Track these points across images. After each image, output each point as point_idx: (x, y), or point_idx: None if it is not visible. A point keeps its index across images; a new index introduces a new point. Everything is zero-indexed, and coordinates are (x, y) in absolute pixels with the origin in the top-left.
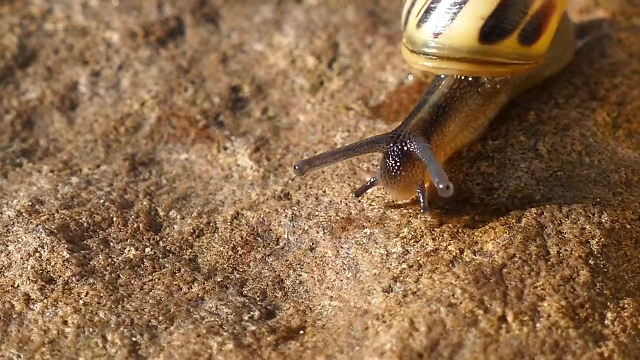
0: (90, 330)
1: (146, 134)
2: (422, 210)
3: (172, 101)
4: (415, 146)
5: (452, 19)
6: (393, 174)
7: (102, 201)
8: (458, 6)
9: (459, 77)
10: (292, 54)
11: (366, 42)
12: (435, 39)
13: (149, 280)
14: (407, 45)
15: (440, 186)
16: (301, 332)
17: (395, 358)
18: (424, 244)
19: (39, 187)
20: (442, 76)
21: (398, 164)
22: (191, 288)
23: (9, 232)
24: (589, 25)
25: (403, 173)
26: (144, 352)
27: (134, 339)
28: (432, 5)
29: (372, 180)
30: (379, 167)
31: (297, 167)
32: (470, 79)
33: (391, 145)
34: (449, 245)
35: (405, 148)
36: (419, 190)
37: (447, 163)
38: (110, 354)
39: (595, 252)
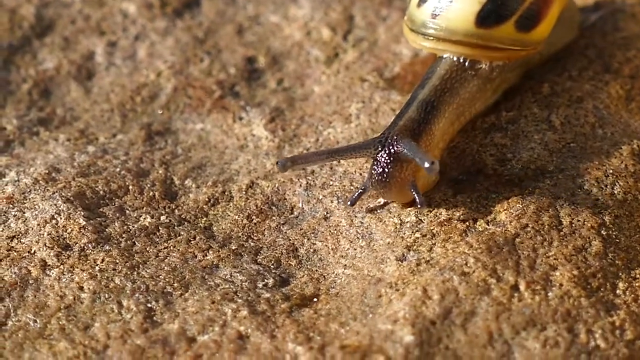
0: (106, 296)
1: (162, 103)
2: (420, 206)
3: (188, 71)
4: (401, 146)
5: (451, 1)
6: (384, 179)
7: (118, 170)
8: None
9: (453, 63)
10: (308, 26)
11: (381, 15)
12: (433, 19)
13: (164, 248)
14: (407, 24)
15: (426, 165)
16: (315, 299)
17: (408, 325)
18: (438, 214)
19: (55, 156)
20: (435, 67)
21: (388, 168)
22: (206, 256)
23: (26, 200)
24: None
25: (394, 177)
26: (159, 318)
27: (149, 305)
28: None
29: (363, 187)
30: (368, 174)
31: (279, 164)
32: (466, 64)
33: (379, 149)
34: (462, 215)
35: (393, 151)
36: (413, 191)
37: (459, 134)
38: (125, 320)
39: (608, 223)
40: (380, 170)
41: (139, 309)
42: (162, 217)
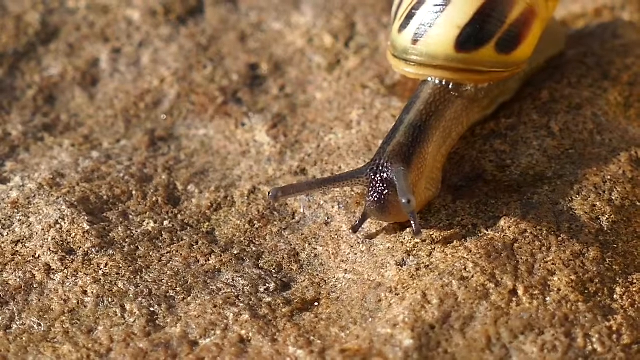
0: (110, 300)
1: (165, 110)
2: (415, 234)
3: (192, 78)
4: (392, 172)
5: (430, 27)
6: (382, 206)
7: (121, 175)
8: (436, 14)
9: (437, 87)
10: (310, 33)
11: (383, 22)
12: (413, 45)
13: (167, 252)
14: (390, 49)
15: (403, 201)
16: (316, 303)
17: (408, 330)
18: (438, 219)
19: (60, 161)
20: (419, 92)
21: (384, 195)
22: (208, 260)
23: (31, 204)
24: (603, 6)
25: (391, 203)
26: (162, 322)
27: (152, 308)
28: (413, 12)
29: (363, 213)
30: (365, 201)
31: (271, 194)
32: (450, 86)
33: (372, 176)
34: (462, 220)
35: (386, 177)
36: (410, 216)
37: (460, 141)
38: (128, 323)
39: (605, 229)
40: (377, 197)
41: (142, 312)
42: (165, 222)
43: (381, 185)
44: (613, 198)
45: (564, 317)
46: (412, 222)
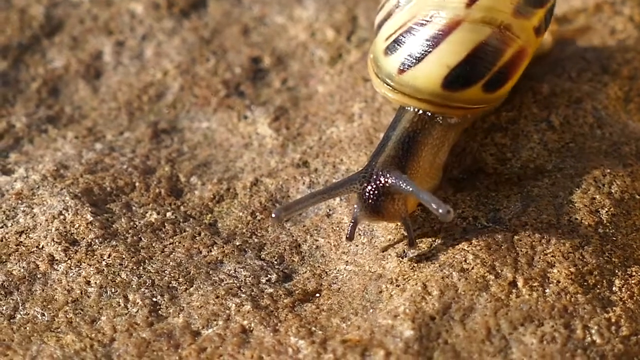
0: (113, 290)
1: (169, 102)
2: (409, 245)
3: (194, 71)
4: (393, 180)
5: (419, 61)
6: (375, 212)
7: (125, 167)
8: (426, 49)
9: (419, 114)
10: (312, 27)
11: None
12: (399, 75)
13: (169, 244)
14: (372, 66)
15: (440, 211)
16: (317, 295)
17: (408, 320)
18: None
19: (63, 153)
20: (404, 112)
21: (378, 202)
22: (211, 251)
23: (35, 195)
24: (604, 1)
25: (387, 209)
26: (164, 312)
27: (154, 299)
28: (402, 38)
29: (353, 220)
30: (356, 207)
31: (274, 215)
32: (435, 115)
33: (365, 185)
34: (462, 212)
35: (381, 184)
36: (404, 227)
37: (461, 134)
38: (131, 313)
39: (605, 221)
40: (370, 203)
41: (145, 303)
42: (168, 214)
43: (375, 192)
44: (612, 191)
45: (563, 308)
46: (407, 234)
